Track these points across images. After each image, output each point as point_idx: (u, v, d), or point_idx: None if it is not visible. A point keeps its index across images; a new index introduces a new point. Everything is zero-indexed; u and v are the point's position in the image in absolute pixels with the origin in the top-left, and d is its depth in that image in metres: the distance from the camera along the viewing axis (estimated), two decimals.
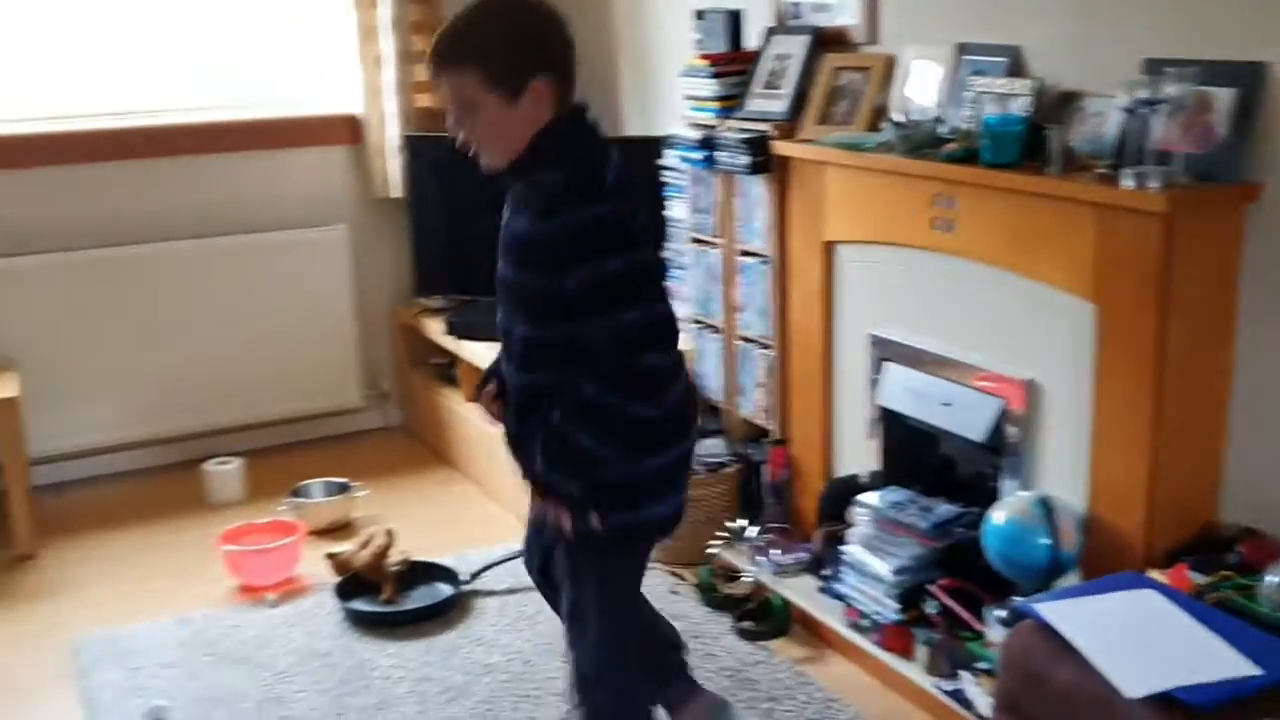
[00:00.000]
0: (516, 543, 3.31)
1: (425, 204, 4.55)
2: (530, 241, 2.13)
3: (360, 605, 3.40)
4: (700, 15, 3.75)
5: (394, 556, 3.49)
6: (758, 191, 3.56)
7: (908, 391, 3.12)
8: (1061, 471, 2.75)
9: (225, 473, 4.23)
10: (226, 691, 3.05)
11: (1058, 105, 2.81)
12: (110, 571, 3.76)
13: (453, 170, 4.46)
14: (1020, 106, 2.84)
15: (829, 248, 3.34)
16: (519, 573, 3.51)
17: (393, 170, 4.60)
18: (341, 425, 4.84)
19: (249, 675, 3.12)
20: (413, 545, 3.64)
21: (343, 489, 4.06)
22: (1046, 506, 2.63)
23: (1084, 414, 2.66)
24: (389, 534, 3.54)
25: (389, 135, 4.57)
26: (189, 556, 3.81)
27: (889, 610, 2.95)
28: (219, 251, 4.47)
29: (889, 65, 3.28)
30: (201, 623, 3.39)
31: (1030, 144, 2.75)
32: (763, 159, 3.45)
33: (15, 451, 3.81)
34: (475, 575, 3.56)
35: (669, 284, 2.21)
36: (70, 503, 4.26)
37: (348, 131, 4.65)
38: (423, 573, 3.53)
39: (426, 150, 4.49)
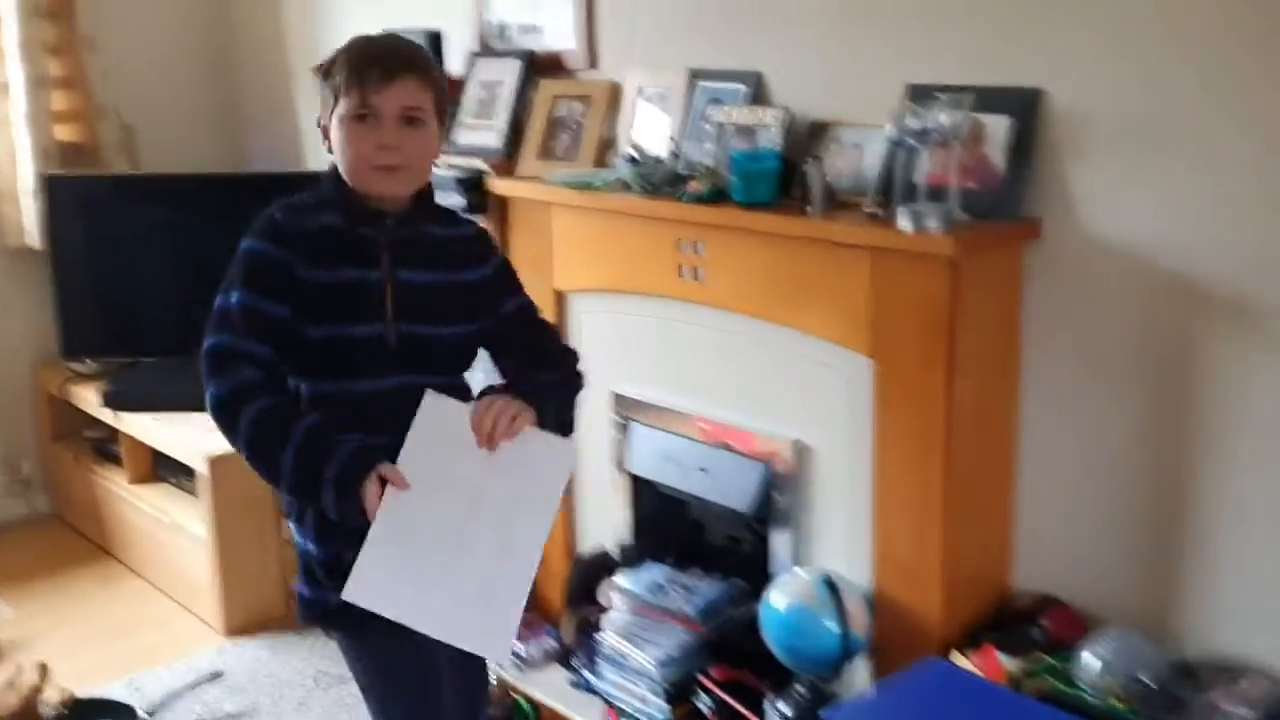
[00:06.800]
0: (201, 657, 2.78)
1: (69, 253, 3.88)
2: None
3: None
4: None
5: (50, 696, 2.85)
6: None
7: (659, 456, 2.79)
8: (839, 542, 2.49)
9: None
10: None
11: (808, 137, 2.57)
12: None
13: (103, 213, 3.85)
14: (769, 139, 2.57)
15: (560, 297, 2.98)
16: (210, 699, 2.98)
17: (28, 215, 3.90)
18: None
19: None
20: (74, 670, 3.02)
21: None
22: (831, 588, 2.35)
23: (863, 479, 2.40)
24: (41, 669, 2.89)
25: (21, 175, 3.87)
26: None
27: (656, 708, 2.60)
28: None
29: (613, 93, 2.96)
30: None
31: (781, 181, 2.50)
32: (479, 199, 3.06)
33: None
34: (155, 711, 2.96)
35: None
36: None
37: None
38: (90, 713, 2.89)
39: (69, 191, 3.83)
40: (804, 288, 2.42)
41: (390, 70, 1.85)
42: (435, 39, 3.25)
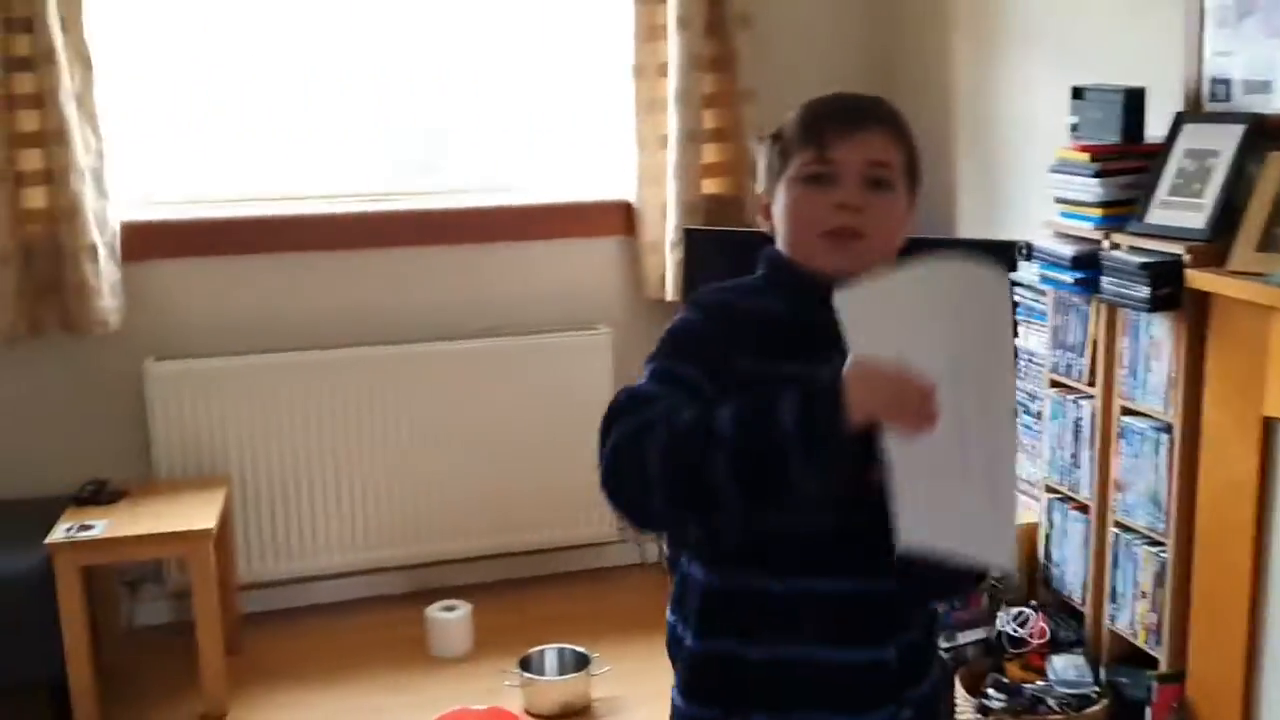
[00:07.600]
0: None
1: None
2: None
3: None
4: (1079, 93, 2.84)
5: None
6: (1157, 333, 2.63)
7: None
8: None
9: (450, 622, 3.55)
10: None
11: None
12: None
13: (738, 269, 3.72)
14: None
15: (1269, 426, 2.38)
16: None
17: (669, 268, 3.87)
18: (591, 559, 4.11)
19: None
20: None
21: (579, 662, 3.31)
22: None
23: None
24: None
25: (667, 227, 3.85)
26: None
27: None
28: (462, 356, 3.83)
29: None
30: None
31: None
32: (1170, 291, 2.53)
33: (208, 590, 3.22)
34: None
35: None
36: (274, 643, 3.66)
37: (620, 221, 3.96)
38: None
39: (708, 245, 3.75)
40: None
41: (854, 119, 1.55)
42: (1136, 97, 2.75)
